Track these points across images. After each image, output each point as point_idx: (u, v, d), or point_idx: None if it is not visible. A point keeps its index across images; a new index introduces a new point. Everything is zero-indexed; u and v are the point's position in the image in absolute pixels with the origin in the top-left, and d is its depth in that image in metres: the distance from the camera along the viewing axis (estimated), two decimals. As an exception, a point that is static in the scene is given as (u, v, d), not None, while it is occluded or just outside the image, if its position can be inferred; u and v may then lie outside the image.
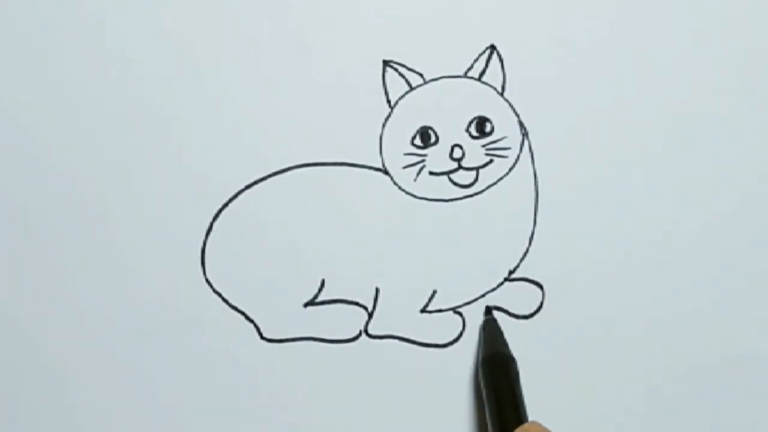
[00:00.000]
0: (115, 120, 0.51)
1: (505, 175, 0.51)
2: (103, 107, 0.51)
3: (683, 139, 0.52)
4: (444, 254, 0.52)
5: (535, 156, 0.52)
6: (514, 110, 0.52)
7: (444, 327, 0.52)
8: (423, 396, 0.52)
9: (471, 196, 0.52)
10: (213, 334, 0.51)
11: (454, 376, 0.52)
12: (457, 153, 0.51)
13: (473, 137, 0.51)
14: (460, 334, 0.52)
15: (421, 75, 0.51)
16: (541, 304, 0.52)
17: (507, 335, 0.51)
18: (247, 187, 0.51)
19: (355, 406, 0.51)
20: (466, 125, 0.51)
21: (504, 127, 0.51)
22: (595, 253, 0.52)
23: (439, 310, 0.52)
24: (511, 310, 0.52)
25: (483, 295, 0.52)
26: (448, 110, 0.51)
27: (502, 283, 0.52)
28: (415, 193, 0.52)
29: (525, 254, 0.52)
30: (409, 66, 0.51)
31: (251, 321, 0.52)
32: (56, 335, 0.51)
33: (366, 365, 0.52)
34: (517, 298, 0.52)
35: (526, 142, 0.52)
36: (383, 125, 0.51)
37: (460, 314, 0.52)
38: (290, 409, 0.51)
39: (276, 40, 0.51)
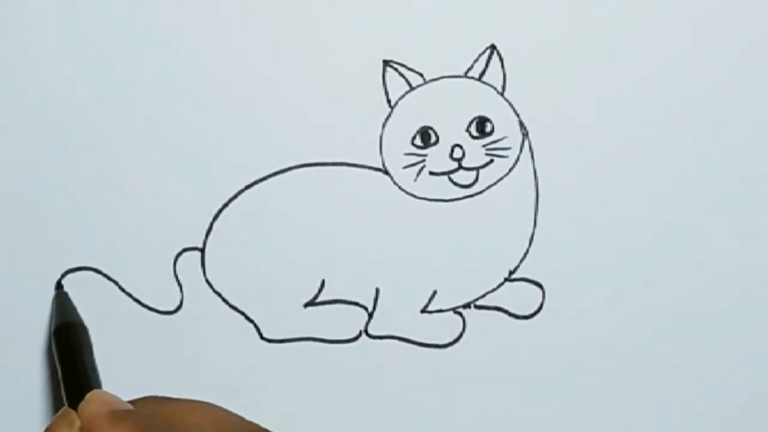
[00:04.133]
0: (114, 120, 0.51)
1: (505, 176, 0.51)
2: (102, 107, 0.51)
3: (685, 139, 0.52)
4: (444, 254, 0.52)
5: (535, 156, 0.52)
6: (515, 110, 0.51)
7: (444, 327, 0.52)
8: (423, 396, 0.52)
9: (471, 196, 0.52)
10: (213, 334, 0.51)
11: (454, 376, 0.52)
12: (458, 153, 0.51)
13: (473, 137, 0.51)
14: (460, 335, 0.52)
15: (421, 75, 0.51)
16: (541, 304, 0.52)
17: (507, 335, 0.52)
18: (247, 187, 0.51)
19: (355, 406, 0.52)
20: (466, 125, 0.51)
21: (504, 127, 0.51)
22: (596, 253, 0.52)
23: (440, 311, 0.52)
24: (511, 310, 0.52)
25: (483, 295, 0.52)
26: (449, 110, 0.51)
27: (502, 283, 0.52)
28: (415, 193, 0.51)
29: (525, 254, 0.52)
30: (409, 66, 0.51)
31: (251, 321, 0.52)
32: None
33: (366, 365, 0.52)
34: (517, 298, 0.52)
35: (526, 142, 0.52)
36: (383, 125, 0.51)
37: (461, 314, 0.52)
38: (290, 409, 0.51)
39: (276, 40, 0.51)
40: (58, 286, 0.51)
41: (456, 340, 0.52)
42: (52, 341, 0.49)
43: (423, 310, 0.52)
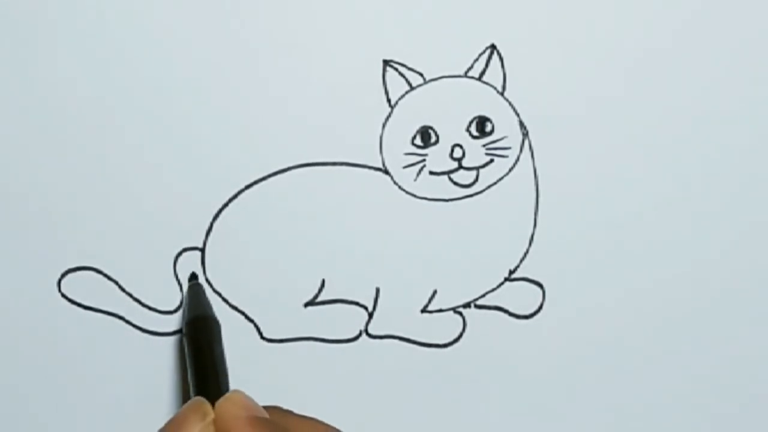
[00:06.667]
0: (114, 120, 0.51)
1: (505, 175, 0.51)
2: (102, 107, 0.51)
3: (685, 139, 0.52)
4: (444, 254, 0.52)
5: (535, 156, 0.52)
6: (515, 110, 0.51)
7: (444, 327, 0.52)
8: (423, 396, 0.52)
9: (471, 195, 0.52)
10: (213, 334, 0.51)
11: (454, 376, 0.52)
12: (458, 153, 0.51)
13: (473, 137, 0.51)
14: (461, 334, 0.52)
15: (421, 75, 0.51)
16: (541, 304, 0.52)
17: (507, 335, 0.52)
18: (247, 187, 0.51)
19: (355, 406, 0.52)
20: (466, 125, 0.51)
21: (504, 127, 0.51)
22: (596, 253, 0.52)
23: (440, 310, 0.52)
24: (511, 310, 0.52)
25: (483, 295, 0.52)
26: (449, 110, 0.51)
27: (502, 283, 0.52)
28: (416, 193, 0.51)
29: (525, 254, 0.52)
30: (409, 66, 0.51)
31: (251, 321, 0.52)
32: (53, 339, 0.51)
33: (366, 365, 0.52)
34: (517, 298, 0.52)
35: (526, 142, 0.52)
36: (383, 125, 0.51)
37: (461, 314, 0.52)
38: (290, 409, 0.51)
39: (276, 40, 0.51)
40: (193, 277, 0.51)
41: (456, 340, 0.52)
42: (184, 333, 0.48)
43: (423, 310, 0.52)
